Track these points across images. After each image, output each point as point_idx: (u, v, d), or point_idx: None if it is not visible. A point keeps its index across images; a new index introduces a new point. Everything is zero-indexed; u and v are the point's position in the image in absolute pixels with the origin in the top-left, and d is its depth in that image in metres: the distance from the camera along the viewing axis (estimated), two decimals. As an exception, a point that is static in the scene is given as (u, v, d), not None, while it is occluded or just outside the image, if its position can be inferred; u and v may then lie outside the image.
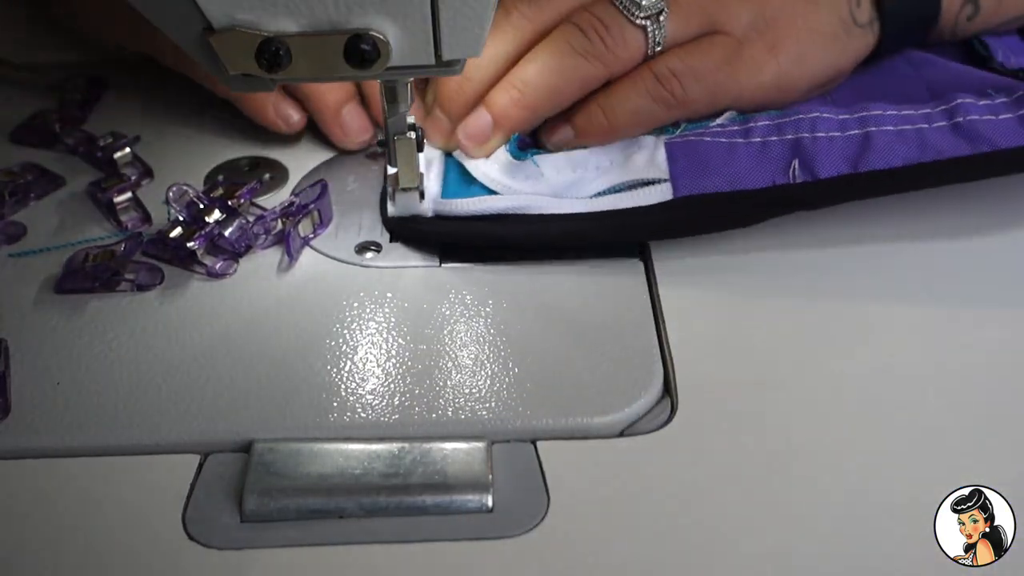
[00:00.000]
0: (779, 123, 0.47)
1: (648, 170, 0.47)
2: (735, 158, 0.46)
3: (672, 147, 0.47)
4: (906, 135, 0.46)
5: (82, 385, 0.41)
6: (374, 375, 0.41)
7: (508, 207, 0.47)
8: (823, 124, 0.47)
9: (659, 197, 0.46)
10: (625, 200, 0.47)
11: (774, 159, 0.46)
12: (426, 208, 0.48)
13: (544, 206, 0.47)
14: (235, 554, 0.35)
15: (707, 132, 0.48)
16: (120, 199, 0.50)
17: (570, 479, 0.38)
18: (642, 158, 0.48)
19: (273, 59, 0.37)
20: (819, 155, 0.45)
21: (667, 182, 0.46)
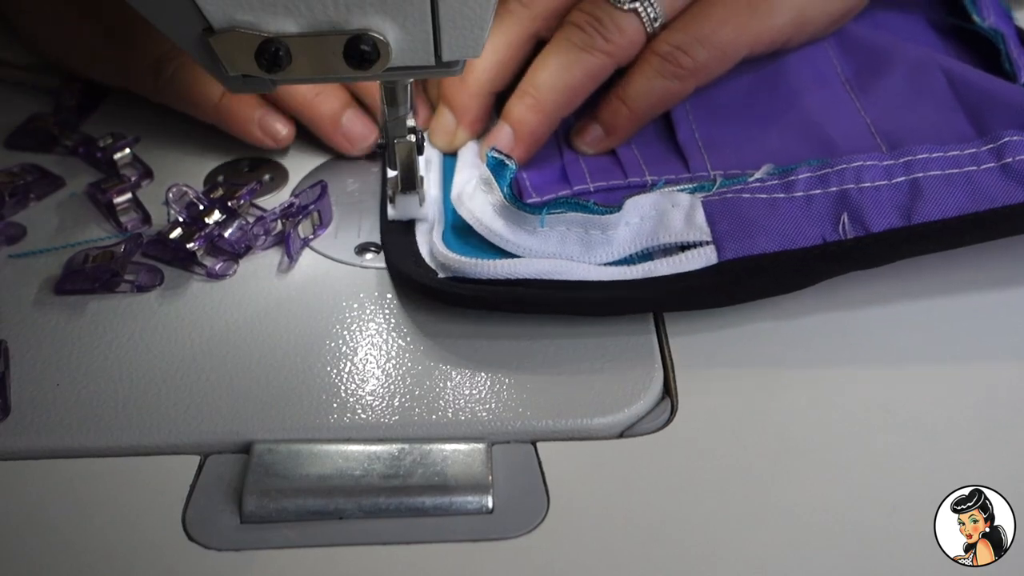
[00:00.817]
0: (822, 174, 0.44)
1: (688, 232, 0.43)
2: (780, 215, 0.43)
3: (711, 206, 0.43)
4: (955, 180, 0.43)
5: (82, 386, 0.41)
6: (374, 376, 0.41)
7: (538, 273, 0.42)
8: (868, 173, 0.44)
9: (703, 261, 0.42)
10: (665, 266, 0.42)
11: (822, 214, 0.43)
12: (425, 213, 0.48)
13: (577, 272, 0.43)
14: (235, 555, 0.35)
15: (745, 188, 0.44)
16: (120, 200, 0.50)
17: (570, 480, 0.38)
18: (678, 218, 0.44)
19: (273, 60, 0.37)
20: (868, 206, 0.42)
21: (710, 245, 0.42)
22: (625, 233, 0.44)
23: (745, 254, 0.42)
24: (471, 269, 0.42)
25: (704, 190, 0.45)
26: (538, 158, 0.51)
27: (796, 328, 0.44)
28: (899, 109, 0.50)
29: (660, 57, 0.48)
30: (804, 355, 0.43)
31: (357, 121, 0.53)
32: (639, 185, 0.49)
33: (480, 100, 0.51)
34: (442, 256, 0.44)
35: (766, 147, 0.49)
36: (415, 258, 0.45)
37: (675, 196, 0.44)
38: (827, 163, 0.45)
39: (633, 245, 0.44)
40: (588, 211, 0.43)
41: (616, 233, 0.44)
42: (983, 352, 0.43)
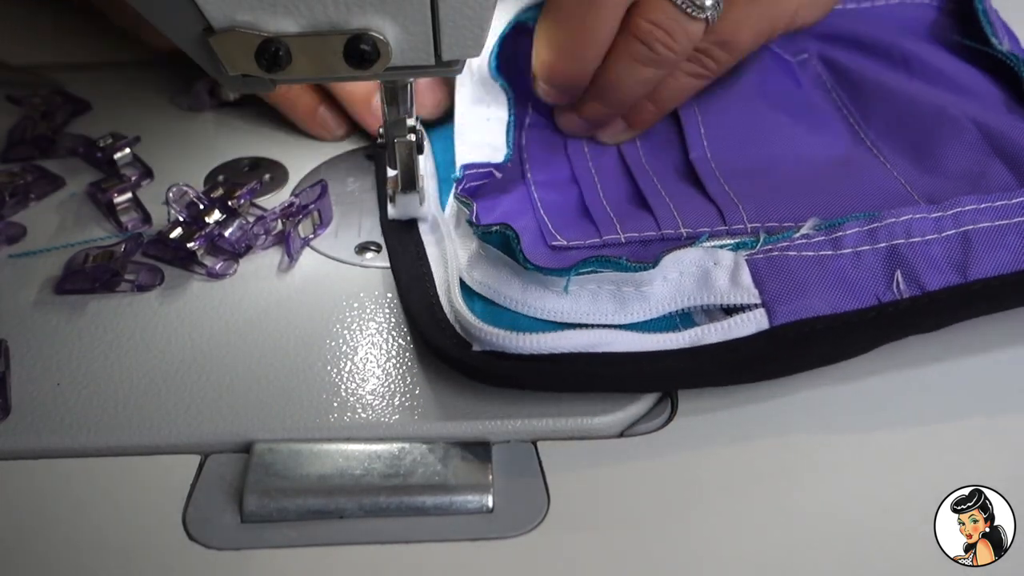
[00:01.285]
0: (870, 229, 0.42)
1: (734, 293, 0.40)
2: (830, 275, 0.40)
3: (756, 265, 0.41)
4: (1006, 233, 0.41)
5: (82, 385, 0.41)
6: (374, 375, 0.41)
7: (583, 346, 0.39)
8: (918, 227, 0.41)
9: (754, 327, 0.39)
10: (714, 333, 0.39)
11: (874, 272, 0.40)
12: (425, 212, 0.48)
13: (622, 342, 0.39)
14: (235, 554, 0.35)
15: (791, 245, 0.42)
16: (120, 200, 0.50)
17: (570, 479, 0.38)
18: (723, 277, 0.41)
19: (273, 60, 0.37)
20: (921, 263, 0.40)
21: (760, 308, 0.40)
22: (663, 290, 0.41)
23: (798, 317, 0.39)
24: (510, 343, 0.38)
25: (747, 247, 0.42)
26: (560, 202, 0.48)
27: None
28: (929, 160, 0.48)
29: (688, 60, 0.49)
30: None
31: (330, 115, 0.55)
32: (674, 238, 0.45)
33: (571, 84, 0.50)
34: (472, 326, 0.39)
35: (799, 199, 0.47)
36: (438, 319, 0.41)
37: (718, 253, 0.41)
38: (875, 216, 0.42)
39: (673, 303, 0.41)
40: (621, 268, 0.40)
41: (652, 289, 0.41)
42: (983, 352, 0.43)
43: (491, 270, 0.42)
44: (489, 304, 0.42)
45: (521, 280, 0.41)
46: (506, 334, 0.38)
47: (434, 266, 0.44)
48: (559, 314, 0.40)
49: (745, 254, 0.41)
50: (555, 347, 0.38)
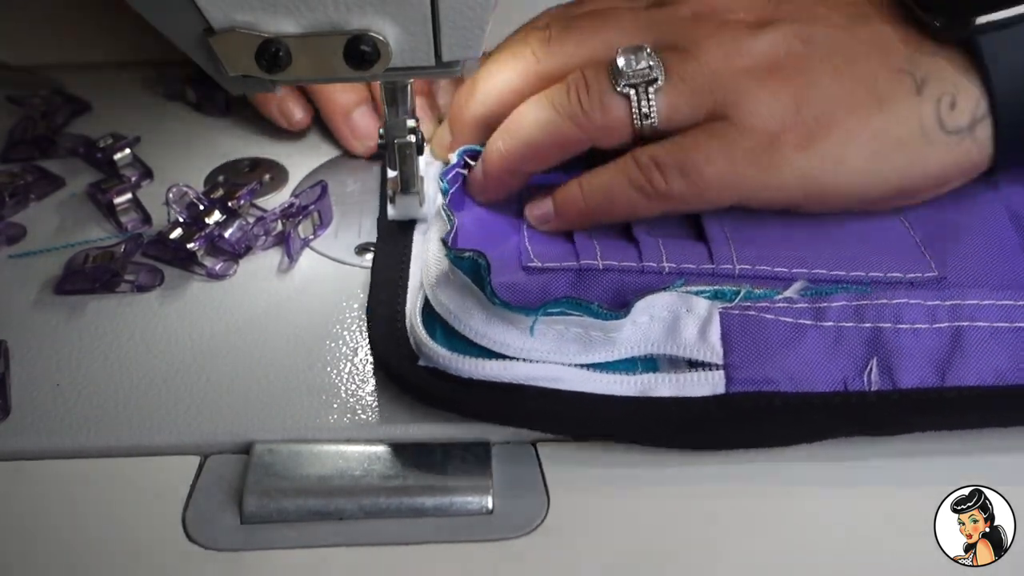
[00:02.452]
0: (859, 305, 0.39)
1: (699, 347, 0.38)
2: (802, 347, 0.38)
3: (729, 321, 0.38)
4: (1002, 336, 0.38)
5: (82, 386, 0.41)
6: (374, 376, 0.41)
7: (527, 378, 0.38)
8: (909, 313, 0.39)
9: (709, 388, 0.37)
10: (666, 385, 0.38)
11: (850, 353, 0.38)
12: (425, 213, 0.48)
13: (569, 379, 0.38)
14: (235, 555, 0.35)
15: (771, 307, 0.39)
16: (120, 200, 0.50)
17: (570, 481, 0.38)
18: (692, 328, 0.39)
19: (273, 60, 0.37)
20: (902, 355, 0.38)
21: (720, 370, 0.38)
22: (631, 333, 0.39)
23: (756, 389, 0.37)
24: (453, 365, 0.38)
25: (725, 298, 0.40)
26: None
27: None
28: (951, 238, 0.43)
29: (636, 165, 0.42)
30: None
31: (367, 117, 0.54)
32: (653, 271, 0.41)
33: (474, 129, 0.48)
34: (423, 342, 0.39)
35: (799, 247, 0.43)
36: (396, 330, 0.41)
37: (692, 300, 0.39)
38: (866, 293, 0.40)
39: (638, 348, 0.39)
40: (592, 315, 0.38)
41: (620, 335, 0.39)
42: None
43: (456, 296, 0.40)
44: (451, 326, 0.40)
45: (485, 312, 0.39)
46: (451, 355, 0.38)
47: (412, 275, 0.44)
48: (520, 351, 0.38)
49: (720, 306, 0.39)
50: (499, 376, 0.37)
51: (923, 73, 0.42)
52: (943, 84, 0.41)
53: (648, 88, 0.41)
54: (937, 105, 0.41)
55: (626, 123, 0.42)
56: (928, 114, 0.41)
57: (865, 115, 0.41)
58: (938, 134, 0.41)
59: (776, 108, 0.41)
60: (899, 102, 0.41)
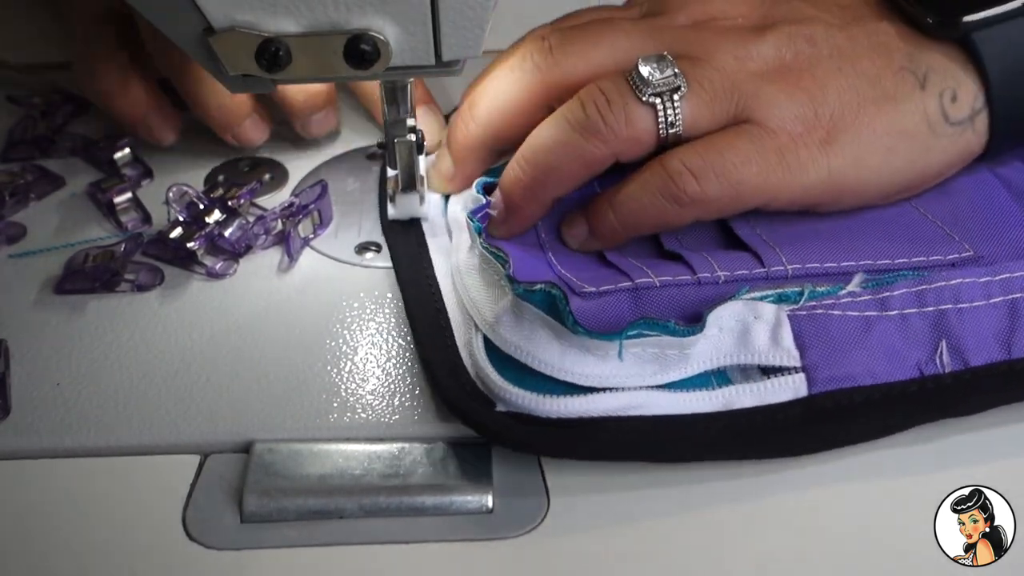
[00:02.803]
0: (919, 291, 0.40)
1: (773, 353, 0.38)
2: (874, 339, 0.38)
3: (799, 324, 0.38)
4: None
5: (82, 385, 0.41)
6: (374, 375, 0.41)
7: (614, 409, 0.37)
8: (967, 292, 0.40)
9: (791, 392, 0.37)
10: (748, 395, 0.37)
11: (918, 340, 0.38)
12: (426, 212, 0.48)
13: (655, 403, 0.37)
14: (235, 554, 0.35)
15: (837, 303, 0.39)
16: (120, 199, 0.50)
17: (570, 480, 0.38)
18: (763, 334, 0.38)
19: (273, 60, 0.37)
20: (967, 334, 0.38)
21: (799, 373, 0.38)
22: (703, 347, 0.38)
23: (839, 387, 0.37)
24: (538, 407, 0.36)
25: (790, 300, 0.39)
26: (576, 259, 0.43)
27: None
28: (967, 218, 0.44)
29: (667, 173, 0.41)
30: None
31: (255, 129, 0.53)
32: (710, 282, 0.40)
33: (477, 154, 0.47)
34: (497, 386, 0.37)
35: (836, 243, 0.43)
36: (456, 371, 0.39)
37: (759, 307, 0.39)
38: (924, 277, 0.40)
39: (711, 361, 0.38)
40: (670, 333, 0.37)
41: (693, 350, 0.38)
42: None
43: (525, 331, 0.38)
44: (515, 363, 0.38)
45: (560, 343, 0.38)
46: (533, 396, 0.37)
47: (451, 310, 0.43)
48: (599, 379, 0.37)
49: (787, 309, 0.39)
50: (586, 411, 0.36)
51: (924, 69, 0.43)
52: (944, 79, 0.43)
53: (673, 96, 0.41)
54: (940, 99, 0.43)
55: (652, 133, 0.41)
56: (933, 108, 0.43)
57: (876, 112, 0.42)
58: (943, 127, 0.43)
59: (796, 109, 0.42)
60: (905, 98, 0.43)
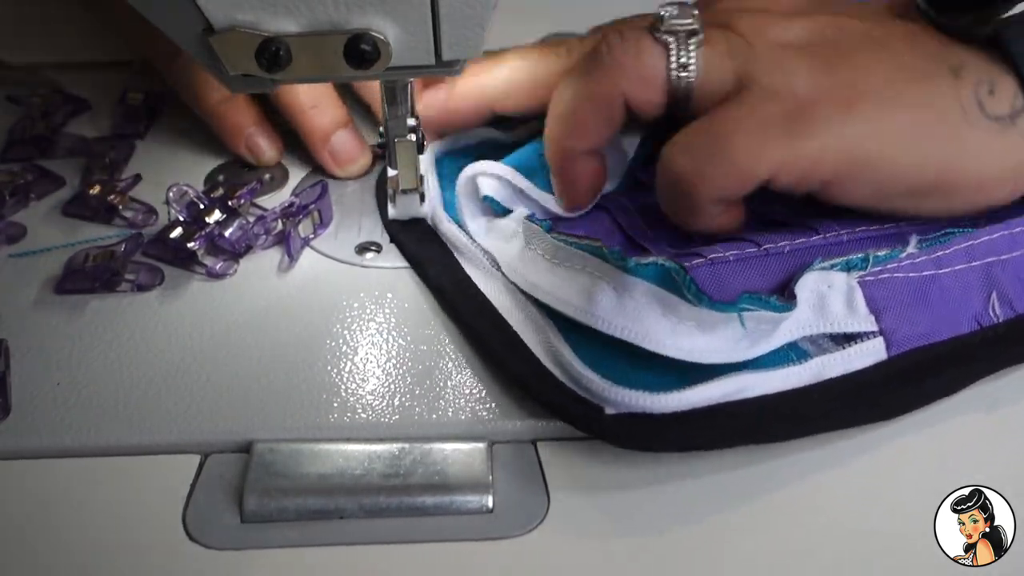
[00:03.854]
0: (969, 247, 0.41)
1: (850, 320, 0.39)
2: (936, 297, 0.40)
3: (869, 289, 0.39)
4: None
5: (82, 385, 0.41)
6: (374, 375, 0.41)
7: (718, 396, 0.37)
8: (1004, 244, 0.41)
9: (873, 356, 0.39)
10: (837, 363, 0.38)
11: (973, 293, 0.40)
12: (426, 212, 0.48)
13: (758, 385, 0.38)
14: (235, 554, 0.35)
15: (900, 265, 0.40)
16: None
17: (570, 480, 0.38)
18: (838, 303, 0.39)
19: (273, 59, 0.37)
20: (1011, 283, 0.41)
21: (878, 337, 0.39)
22: (785, 322, 0.38)
23: (914, 345, 0.39)
24: (653, 404, 0.36)
25: (857, 267, 0.39)
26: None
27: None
28: None
29: (663, 162, 0.40)
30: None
31: (348, 141, 0.52)
32: (776, 252, 0.39)
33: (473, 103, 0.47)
34: (602, 387, 0.37)
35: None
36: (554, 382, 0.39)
37: (831, 276, 0.39)
38: (970, 233, 0.41)
39: (790, 333, 0.38)
40: (772, 308, 0.37)
41: (781, 324, 0.38)
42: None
43: (630, 312, 0.38)
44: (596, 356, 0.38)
45: (669, 320, 0.37)
46: (646, 395, 0.36)
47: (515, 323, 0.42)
48: (705, 353, 0.37)
49: (856, 276, 0.39)
50: (699, 402, 0.37)
51: (958, 61, 0.39)
52: (979, 71, 0.39)
53: (689, 39, 0.39)
54: (976, 88, 0.39)
55: (661, 73, 0.39)
56: (967, 95, 0.39)
57: (903, 86, 0.39)
58: (979, 116, 0.38)
59: (813, 76, 0.38)
60: (936, 79, 0.39)
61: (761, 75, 0.39)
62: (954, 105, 0.38)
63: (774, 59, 0.39)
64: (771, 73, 0.39)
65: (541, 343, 0.41)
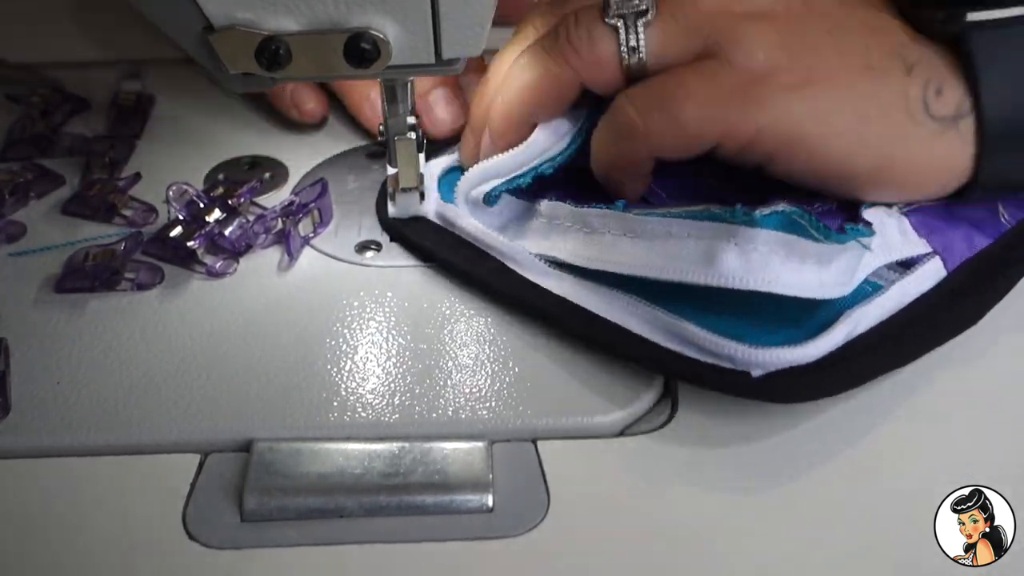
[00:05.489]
0: None
1: (906, 246, 0.42)
2: (963, 217, 0.44)
3: (911, 218, 0.43)
4: None
5: (82, 385, 0.41)
6: (374, 374, 0.41)
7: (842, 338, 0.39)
8: None
9: (935, 277, 0.42)
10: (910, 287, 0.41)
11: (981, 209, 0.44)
12: (426, 210, 0.48)
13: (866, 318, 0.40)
14: (235, 554, 0.35)
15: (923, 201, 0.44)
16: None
17: (570, 479, 0.38)
18: (894, 232, 0.42)
19: (273, 58, 0.37)
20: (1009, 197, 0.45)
21: (933, 256, 0.42)
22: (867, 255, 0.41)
23: (965, 257, 0.43)
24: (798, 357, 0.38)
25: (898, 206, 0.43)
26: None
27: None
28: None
29: (613, 107, 0.42)
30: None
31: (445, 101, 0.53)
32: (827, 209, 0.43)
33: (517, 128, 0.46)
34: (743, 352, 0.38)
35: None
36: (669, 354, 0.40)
37: (877, 212, 0.42)
38: None
39: (869, 266, 0.41)
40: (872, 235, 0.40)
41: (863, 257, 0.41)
42: (985, 351, 0.43)
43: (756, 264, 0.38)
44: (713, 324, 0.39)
45: (793, 262, 0.39)
46: (788, 350, 0.38)
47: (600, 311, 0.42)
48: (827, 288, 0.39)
49: (898, 210, 0.43)
50: (830, 346, 0.39)
51: (914, 58, 0.41)
52: (931, 71, 0.41)
53: (637, 20, 0.41)
54: (924, 87, 0.41)
55: (614, 56, 0.41)
56: (915, 94, 0.40)
57: (856, 76, 0.40)
58: (923, 116, 0.40)
59: (769, 52, 0.40)
60: (888, 74, 0.41)
61: (723, 46, 0.40)
62: (900, 102, 0.40)
63: (733, 30, 0.40)
64: (732, 45, 0.40)
65: (645, 321, 0.41)
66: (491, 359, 0.42)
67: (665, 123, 0.40)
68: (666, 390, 0.41)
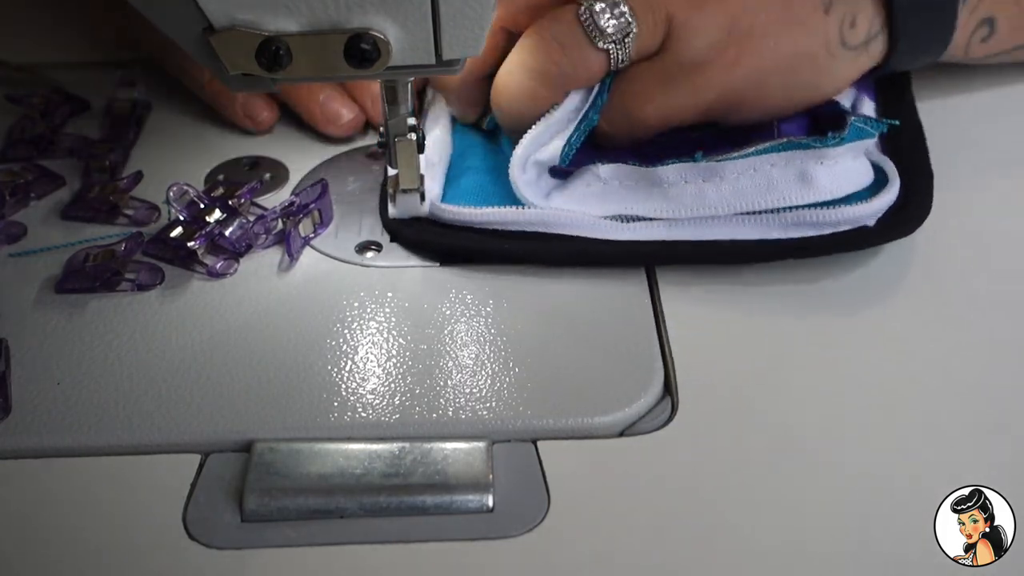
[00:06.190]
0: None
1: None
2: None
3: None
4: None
5: (82, 385, 0.41)
6: (375, 375, 0.41)
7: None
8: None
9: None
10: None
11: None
12: (425, 209, 0.48)
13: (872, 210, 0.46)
14: (235, 554, 0.35)
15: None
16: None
17: (570, 479, 0.38)
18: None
19: (273, 59, 0.37)
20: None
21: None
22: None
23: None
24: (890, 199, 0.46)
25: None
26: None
27: (797, 328, 0.44)
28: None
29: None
30: (805, 356, 0.43)
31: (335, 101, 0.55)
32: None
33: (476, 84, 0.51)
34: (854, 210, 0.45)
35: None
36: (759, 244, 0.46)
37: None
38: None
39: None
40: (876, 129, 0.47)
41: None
42: (985, 351, 0.43)
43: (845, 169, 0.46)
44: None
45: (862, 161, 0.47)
46: (881, 197, 0.45)
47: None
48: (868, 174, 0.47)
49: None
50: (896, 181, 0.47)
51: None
52: (846, 4, 0.47)
53: (625, 40, 0.46)
54: (840, 24, 0.47)
55: (604, 71, 0.47)
56: (833, 32, 0.47)
57: (782, 33, 0.46)
58: (839, 50, 0.48)
59: (714, 35, 0.46)
60: (809, 19, 0.47)
61: (676, 40, 0.46)
62: (820, 44, 0.47)
63: (687, 24, 0.46)
64: (682, 40, 0.46)
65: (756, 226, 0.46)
66: (491, 359, 0.42)
67: (629, 126, 0.48)
68: (666, 390, 0.41)
